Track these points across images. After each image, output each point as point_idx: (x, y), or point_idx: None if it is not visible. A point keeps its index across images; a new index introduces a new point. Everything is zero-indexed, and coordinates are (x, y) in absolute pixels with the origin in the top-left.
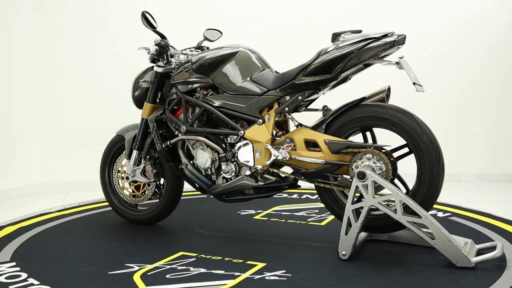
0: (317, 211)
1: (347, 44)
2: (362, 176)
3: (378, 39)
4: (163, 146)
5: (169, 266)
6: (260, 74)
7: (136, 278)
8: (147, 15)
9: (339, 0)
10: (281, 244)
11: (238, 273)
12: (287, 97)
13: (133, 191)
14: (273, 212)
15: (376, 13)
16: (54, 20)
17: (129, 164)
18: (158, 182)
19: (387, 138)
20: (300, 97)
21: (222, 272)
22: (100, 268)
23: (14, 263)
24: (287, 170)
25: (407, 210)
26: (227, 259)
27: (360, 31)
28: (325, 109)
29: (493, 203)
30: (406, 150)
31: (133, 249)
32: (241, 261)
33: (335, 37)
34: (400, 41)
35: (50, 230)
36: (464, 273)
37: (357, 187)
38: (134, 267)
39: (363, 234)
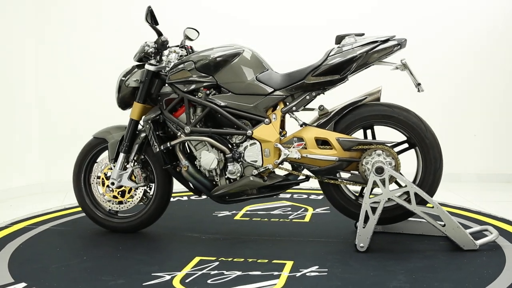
0: (289, 208)
1: (355, 47)
2: (380, 171)
3: (383, 42)
4: (162, 148)
5: (200, 272)
6: (265, 74)
7: (177, 285)
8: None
9: (339, 1)
10: (287, 242)
11: (277, 273)
12: (294, 97)
13: (115, 197)
14: (249, 212)
15: (375, 15)
16: (56, 20)
17: (115, 169)
18: (147, 187)
19: (384, 135)
20: (308, 97)
21: (258, 273)
22: (128, 280)
23: (25, 284)
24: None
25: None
26: (250, 260)
27: (363, 34)
28: (321, 108)
29: (493, 203)
30: (403, 146)
31: (142, 258)
32: (266, 260)
33: (339, 39)
34: (403, 44)
35: (46, 234)
36: (475, 255)
37: (374, 182)
38: (164, 276)
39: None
